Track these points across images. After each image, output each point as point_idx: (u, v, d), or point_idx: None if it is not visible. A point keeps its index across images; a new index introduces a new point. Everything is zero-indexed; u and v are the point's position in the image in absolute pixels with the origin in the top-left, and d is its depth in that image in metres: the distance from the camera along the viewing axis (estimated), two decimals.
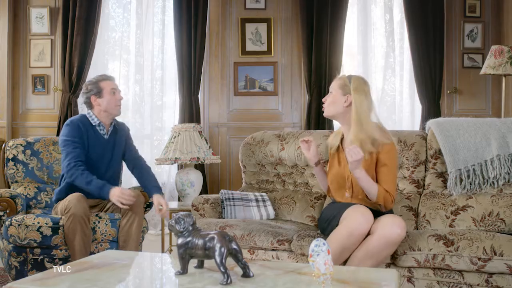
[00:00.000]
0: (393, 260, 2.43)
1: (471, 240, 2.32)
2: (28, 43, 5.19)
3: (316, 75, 4.91)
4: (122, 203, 2.87)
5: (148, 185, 3.17)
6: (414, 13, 4.86)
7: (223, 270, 1.55)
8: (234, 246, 1.61)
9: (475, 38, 5.08)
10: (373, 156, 2.53)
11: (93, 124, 3.12)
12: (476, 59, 5.03)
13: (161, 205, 3.04)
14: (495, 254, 2.24)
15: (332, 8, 4.90)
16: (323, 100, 2.71)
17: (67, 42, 4.98)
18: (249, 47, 5.12)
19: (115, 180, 3.25)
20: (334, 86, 2.65)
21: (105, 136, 3.16)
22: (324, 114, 2.70)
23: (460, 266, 2.30)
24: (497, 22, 5.02)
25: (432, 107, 4.87)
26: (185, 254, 1.65)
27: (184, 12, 4.96)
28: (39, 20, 5.16)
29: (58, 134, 4.90)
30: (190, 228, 1.65)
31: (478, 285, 2.31)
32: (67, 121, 3.12)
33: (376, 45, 5.12)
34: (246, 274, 1.63)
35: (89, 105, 3.16)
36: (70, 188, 3.01)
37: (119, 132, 3.25)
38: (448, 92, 5.06)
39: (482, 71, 4.12)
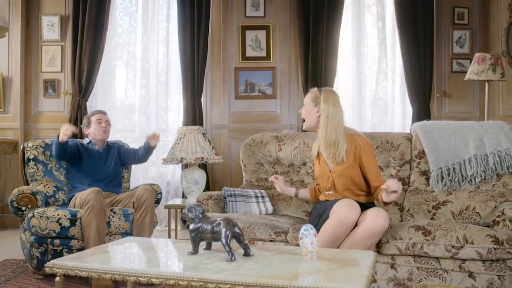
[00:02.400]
0: (378, 248, 2.71)
1: (446, 230, 2.60)
2: (39, 49, 5.45)
3: (312, 79, 5.15)
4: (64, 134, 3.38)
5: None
6: (405, 21, 5.11)
7: (228, 249, 1.85)
8: (237, 230, 1.91)
9: (463, 44, 5.32)
10: (355, 154, 2.83)
11: (85, 143, 3.78)
12: (464, 64, 5.25)
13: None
14: (467, 242, 2.52)
15: (327, 16, 5.15)
16: (299, 112, 3.03)
17: (76, 48, 5.23)
18: (249, 53, 5.38)
19: (116, 187, 3.71)
20: (307, 99, 2.95)
21: (98, 150, 3.76)
22: (304, 128, 3.01)
23: (437, 253, 2.58)
24: (484, 29, 5.27)
25: (423, 110, 5.11)
26: (196, 237, 1.95)
27: (188, 20, 5.22)
28: (50, 28, 5.42)
29: None
30: (200, 215, 1.96)
31: (452, 270, 2.58)
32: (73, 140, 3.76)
33: (369, 51, 5.38)
34: (247, 254, 1.94)
35: (85, 135, 3.84)
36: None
37: (112, 148, 3.86)
38: (438, 95, 5.31)
39: (467, 77, 4.39)
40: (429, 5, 5.16)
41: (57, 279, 1.77)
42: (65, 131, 3.34)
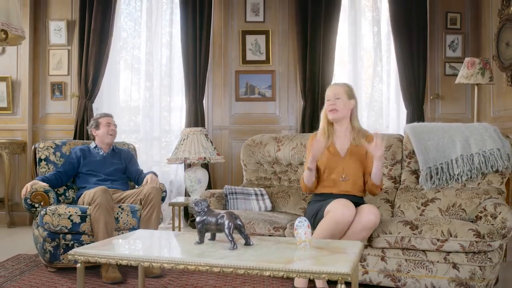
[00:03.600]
0: (369, 242, 2.90)
1: (432, 224, 2.80)
2: (47, 53, 5.63)
3: (310, 82, 5.34)
4: None
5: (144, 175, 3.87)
6: (400, 26, 5.30)
7: (230, 239, 2.06)
8: (239, 222, 2.12)
9: (456, 48, 5.51)
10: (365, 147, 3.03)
11: (92, 147, 3.94)
12: (457, 67, 5.39)
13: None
14: (451, 235, 2.72)
15: (325, 21, 5.33)
16: (331, 104, 3.01)
17: (83, 52, 5.41)
18: (249, 56, 5.57)
19: (122, 185, 3.90)
20: (341, 92, 3.04)
21: (103, 154, 3.92)
22: (334, 117, 3.02)
23: (423, 246, 2.77)
24: (476, 34, 5.46)
25: (416, 111, 5.29)
26: (202, 229, 2.16)
27: (190, 25, 5.40)
28: (57, 32, 5.60)
29: (75, 137, 5.39)
30: (206, 209, 2.17)
31: (438, 262, 2.78)
32: (75, 148, 3.97)
33: (365, 55, 5.56)
34: (247, 243, 2.15)
35: (92, 137, 3.99)
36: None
37: (118, 153, 4.01)
38: (431, 98, 5.49)
39: (457, 81, 4.58)
40: (422, 11, 5.34)
41: (78, 265, 1.97)
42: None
